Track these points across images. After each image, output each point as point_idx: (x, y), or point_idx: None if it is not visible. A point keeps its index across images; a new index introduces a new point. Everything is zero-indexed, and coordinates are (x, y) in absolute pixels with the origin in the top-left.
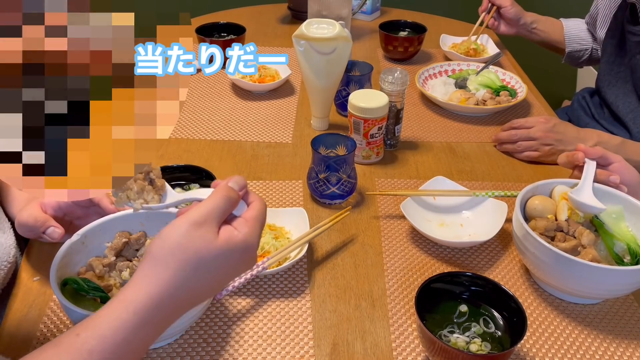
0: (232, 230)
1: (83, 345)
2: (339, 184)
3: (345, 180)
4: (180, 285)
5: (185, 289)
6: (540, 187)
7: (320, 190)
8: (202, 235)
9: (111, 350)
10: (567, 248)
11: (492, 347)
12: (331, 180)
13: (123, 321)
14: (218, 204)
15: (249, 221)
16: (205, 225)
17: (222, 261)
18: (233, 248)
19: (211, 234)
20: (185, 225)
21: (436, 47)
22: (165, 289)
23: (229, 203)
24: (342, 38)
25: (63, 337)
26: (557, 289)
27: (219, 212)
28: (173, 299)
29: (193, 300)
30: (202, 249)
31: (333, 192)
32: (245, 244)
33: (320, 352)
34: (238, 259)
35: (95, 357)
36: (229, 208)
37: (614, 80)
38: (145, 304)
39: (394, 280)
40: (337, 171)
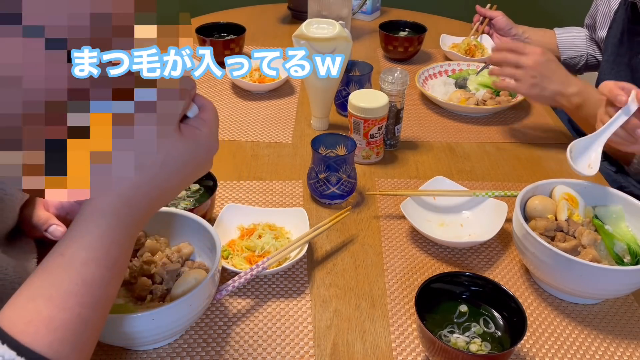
0: (193, 129)
1: (72, 261)
2: (339, 184)
3: (345, 180)
4: (149, 183)
5: (155, 186)
6: (540, 187)
7: (320, 190)
8: (166, 134)
9: (104, 256)
10: (567, 248)
11: (492, 347)
12: (331, 180)
13: (104, 226)
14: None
15: (207, 122)
16: (168, 125)
17: (188, 158)
18: (198, 144)
19: (175, 132)
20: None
21: (436, 47)
22: (135, 189)
23: (184, 101)
24: (342, 38)
25: (49, 262)
26: (557, 289)
27: (177, 110)
28: (145, 196)
29: (164, 197)
30: (168, 146)
31: (333, 192)
32: (208, 143)
33: (320, 352)
34: (202, 157)
35: (92, 266)
36: (185, 107)
37: (613, 80)
38: (118, 205)
39: (394, 280)
40: (337, 171)
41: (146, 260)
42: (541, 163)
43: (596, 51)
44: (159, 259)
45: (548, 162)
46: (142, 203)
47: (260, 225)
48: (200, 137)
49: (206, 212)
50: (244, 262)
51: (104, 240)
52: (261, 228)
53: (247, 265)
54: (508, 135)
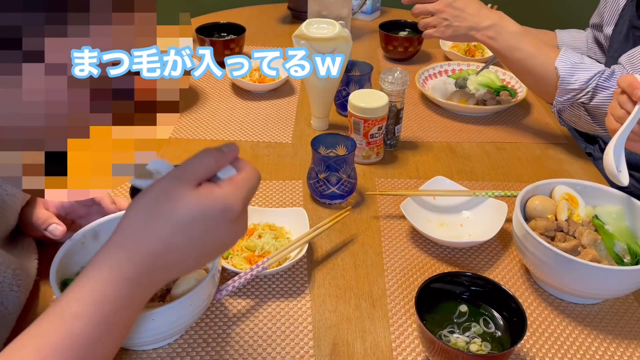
0: (212, 186)
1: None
2: (339, 184)
3: (345, 180)
4: (153, 237)
5: (160, 240)
6: (541, 187)
7: (320, 190)
8: (177, 185)
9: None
10: (567, 248)
11: (492, 347)
12: (331, 180)
13: (98, 279)
14: (199, 158)
15: (234, 181)
16: (183, 178)
17: (197, 214)
18: (210, 203)
19: (187, 185)
20: (165, 178)
21: (436, 47)
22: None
23: (212, 159)
24: (342, 38)
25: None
26: (557, 289)
27: (198, 167)
28: (149, 252)
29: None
30: (177, 199)
31: (333, 192)
32: (225, 200)
33: (320, 352)
34: (219, 219)
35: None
36: (212, 164)
37: None
38: (118, 257)
39: (394, 280)
40: (337, 171)
41: None
42: (541, 163)
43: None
44: None
45: (548, 162)
46: (145, 258)
47: (260, 225)
48: (216, 194)
49: None
50: (244, 262)
51: (96, 294)
52: (261, 228)
53: (247, 265)
54: (508, 135)
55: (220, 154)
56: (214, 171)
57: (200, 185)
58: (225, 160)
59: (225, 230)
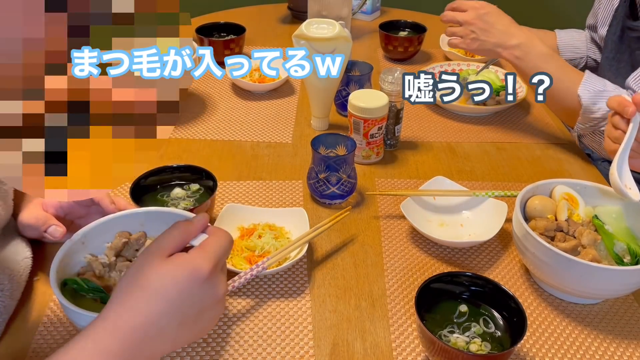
0: (182, 254)
1: None
2: (339, 184)
3: (345, 180)
4: (128, 307)
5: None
6: (541, 187)
7: (320, 190)
8: (150, 259)
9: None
10: (567, 248)
11: (492, 347)
12: (331, 180)
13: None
14: (169, 232)
15: (202, 245)
16: (154, 251)
17: (169, 283)
18: (179, 267)
19: (158, 258)
20: (139, 257)
21: (436, 47)
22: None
23: (180, 231)
24: (342, 38)
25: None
26: (557, 289)
27: (168, 239)
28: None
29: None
30: (149, 271)
31: (333, 192)
32: (192, 263)
33: (320, 352)
34: (189, 282)
35: None
36: (181, 236)
37: (613, 77)
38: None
39: (394, 280)
40: (337, 171)
41: None
42: (541, 163)
43: (596, 53)
44: None
45: (548, 162)
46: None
47: (260, 225)
48: (183, 258)
49: (206, 212)
50: (244, 262)
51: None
52: (261, 228)
53: (247, 265)
54: (508, 135)
55: (189, 225)
56: (185, 241)
57: (171, 255)
58: (195, 230)
59: (198, 291)
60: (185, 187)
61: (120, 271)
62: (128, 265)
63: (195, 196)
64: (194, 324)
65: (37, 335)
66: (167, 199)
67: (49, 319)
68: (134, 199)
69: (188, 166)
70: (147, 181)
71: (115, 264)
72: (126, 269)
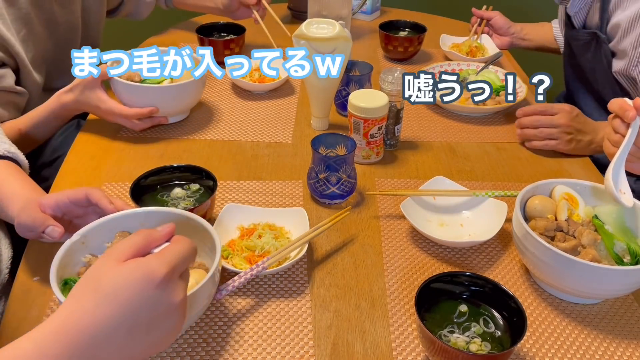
0: (137, 258)
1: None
2: (339, 184)
3: (345, 180)
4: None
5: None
6: (541, 187)
7: (320, 190)
8: (104, 262)
9: None
10: (567, 248)
11: (492, 347)
12: (331, 180)
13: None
14: (130, 237)
15: (161, 252)
16: (110, 255)
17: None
18: (132, 271)
19: (113, 262)
20: (97, 260)
21: (436, 47)
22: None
23: (142, 237)
24: (342, 38)
25: None
26: (557, 289)
27: (127, 244)
28: (75, 326)
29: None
30: (102, 274)
31: (333, 192)
32: (147, 265)
33: (320, 352)
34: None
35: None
36: (141, 242)
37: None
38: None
39: (394, 280)
40: (337, 171)
41: None
42: (541, 163)
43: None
44: None
45: (548, 162)
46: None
47: (260, 225)
48: (138, 262)
49: (206, 212)
50: (244, 262)
51: None
52: (261, 228)
53: (247, 265)
54: (508, 135)
55: (153, 233)
56: (146, 248)
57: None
58: (159, 237)
59: (151, 296)
60: (185, 187)
61: None
62: None
63: (195, 196)
64: (145, 334)
65: None
66: (167, 199)
67: None
68: (134, 199)
69: (188, 166)
70: (147, 181)
71: None
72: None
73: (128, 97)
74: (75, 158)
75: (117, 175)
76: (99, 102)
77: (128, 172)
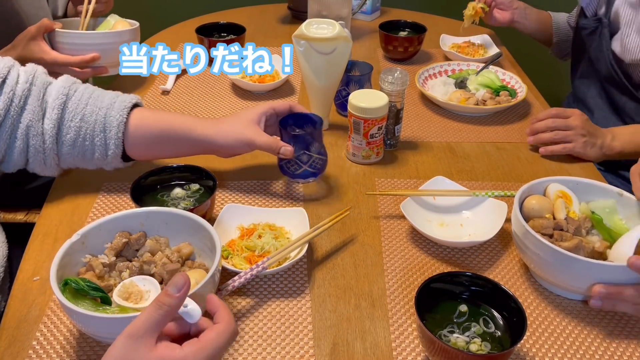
0: (172, 347)
1: None
2: (310, 162)
3: (316, 157)
4: None
5: None
6: (535, 186)
7: (292, 170)
8: (137, 348)
9: None
10: (569, 247)
11: (492, 347)
12: (302, 159)
13: None
14: (150, 313)
15: (200, 342)
16: (141, 337)
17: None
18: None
19: (145, 346)
20: (122, 339)
21: (436, 47)
22: None
23: (162, 311)
24: (342, 38)
25: None
26: (558, 287)
27: (152, 323)
28: None
29: None
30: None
31: (305, 170)
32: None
33: (320, 352)
34: None
35: None
36: (164, 315)
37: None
38: None
39: (394, 280)
40: (308, 149)
41: (146, 260)
42: (541, 163)
43: None
44: (159, 259)
45: (548, 162)
46: None
47: (260, 225)
48: (174, 356)
49: (206, 212)
50: (244, 262)
51: None
52: (261, 228)
53: (247, 265)
54: (508, 135)
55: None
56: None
57: (159, 341)
58: (175, 304)
59: None
60: (185, 187)
61: (120, 271)
62: (128, 265)
63: (195, 196)
64: None
65: (38, 334)
66: (167, 199)
67: (49, 318)
68: (134, 199)
69: (188, 166)
70: (147, 181)
71: (115, 264)
72: (126, 270)
73: (69, 48)
74: None
75: (117, 175)
76: (43, 53)
77: (128, 172)
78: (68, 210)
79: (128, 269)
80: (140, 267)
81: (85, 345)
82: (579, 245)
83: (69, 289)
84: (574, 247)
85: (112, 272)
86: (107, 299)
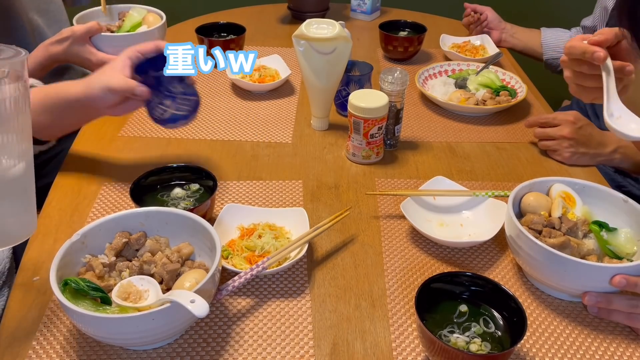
0: None
1: None
2: (175, 103)
3: (181, 97)
4: None
5: None
6: (537, 184)
7: (159, 115)
8: None
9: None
10: (554, 244)
11: (492, 347)
12: (165, 102)
13: None
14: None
15: None
16: None
17: None
18: None
19: None
20: None
21: (436, 47)
22: None
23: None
24: (342, 38)
25: None
26: (551, 287)
27: None
28: None
29: None
30: None
31: (173, 114)
32: None
33: (320, 352)
34: None
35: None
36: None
37: None
38: None
39: (394, 280)
40: (169, 90)
41: (146, 260)
42: (541, 163)
43: None
44: (159, 259)
45: (548, 162)
46: None
47: (260, 225)
48: None
49: (206, 212)
50: (244, 262)
51: None
52: (261, 228)
53: (247, 265)
54: (508, 135)
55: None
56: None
57: None
58: None
59: None
60: (185, 187)
61: (120, 271)
62: (128, 265)
63: (195, 196)
64: None
65: (38, 334)
66: (167, 199)
67: (49, 318)
68: (134, 199)
69: (188, 166)
70: (147, 181)
71: (115, 264)
72: (126, 270)
73: (111, 51)
74: (76, 158)
75: (117, 176)
76: (90, 55)
77: (128, 172)
78: (68, 210)
79: (128, 268)
80: (140, 267)
81: (85, 345)
82: (565, 243)
83: (69, 289)
84: (559, 244)
85: (112, 272)
86: (107, 299)
